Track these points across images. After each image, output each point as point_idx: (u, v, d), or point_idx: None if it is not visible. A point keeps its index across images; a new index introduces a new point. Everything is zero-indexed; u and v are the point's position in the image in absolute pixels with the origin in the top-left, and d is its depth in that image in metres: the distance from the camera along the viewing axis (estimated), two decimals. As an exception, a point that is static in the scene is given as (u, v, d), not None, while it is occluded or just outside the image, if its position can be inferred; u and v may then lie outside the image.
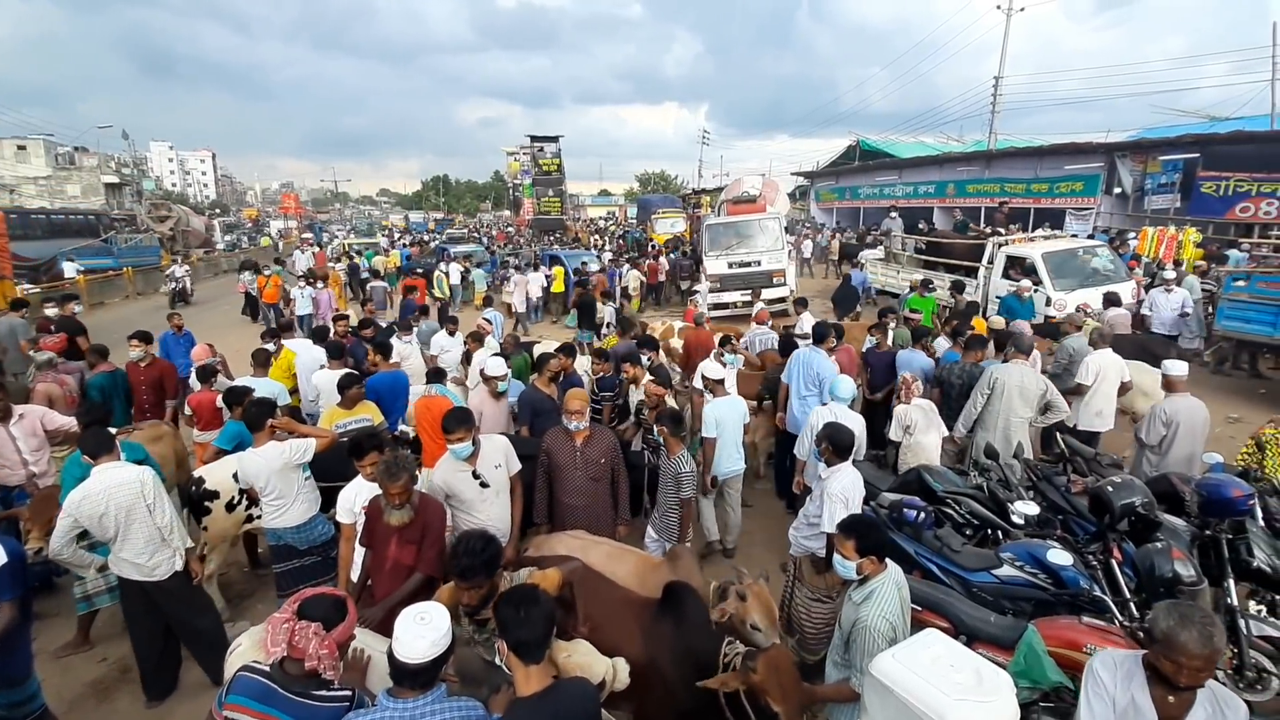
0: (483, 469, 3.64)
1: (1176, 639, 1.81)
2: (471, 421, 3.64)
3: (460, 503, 3.61)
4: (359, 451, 3.51)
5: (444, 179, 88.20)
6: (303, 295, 12.79)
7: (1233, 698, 1.90)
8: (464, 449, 3.55)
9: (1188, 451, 4.78)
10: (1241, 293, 9.04)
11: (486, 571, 2.50)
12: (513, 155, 31.44)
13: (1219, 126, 20.58)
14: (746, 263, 13.86)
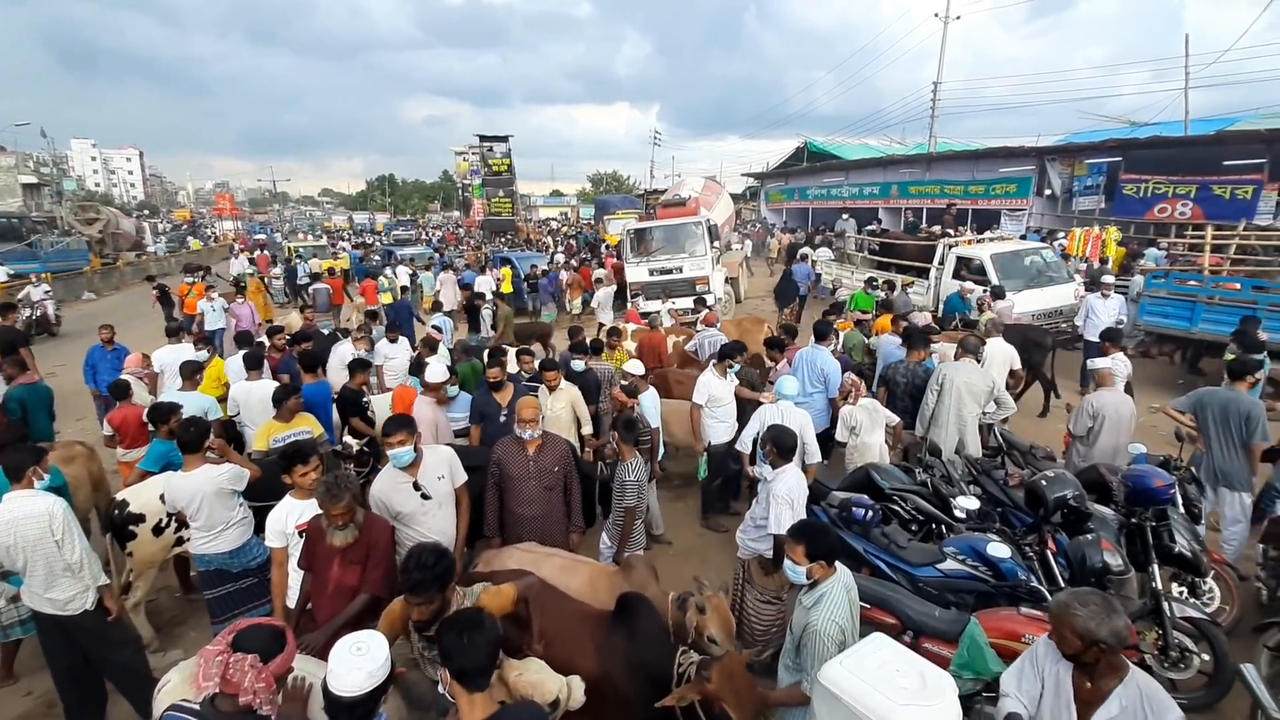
0: (425, 480, 3.53)
1: (1067, 623, 1.96)
2: (412, 426, 3.53)
3: (400, 516, 3.48)
4: (289, 464, 3.33)
5: (390, 179, 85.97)
6: (212, 309, 10.87)
7: (1161, 698, 1.98)
8: (404, 455, 3.43)
9: (1114, 443, 5.03)
10: (1161, 289, 9.61)
11: (438, 586, 2.42)
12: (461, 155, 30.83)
13: (1139, 131, 21.84)
14: (668, 269, 13.25)
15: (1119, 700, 1.98)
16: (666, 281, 13.05)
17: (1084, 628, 1.96)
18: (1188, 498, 4.19)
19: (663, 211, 14.58)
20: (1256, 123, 18.20)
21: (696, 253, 13.23)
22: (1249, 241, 10.67)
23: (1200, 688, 3.59)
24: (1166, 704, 1.97)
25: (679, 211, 14.37)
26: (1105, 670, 2.00)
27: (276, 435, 4.62)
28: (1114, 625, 1.96)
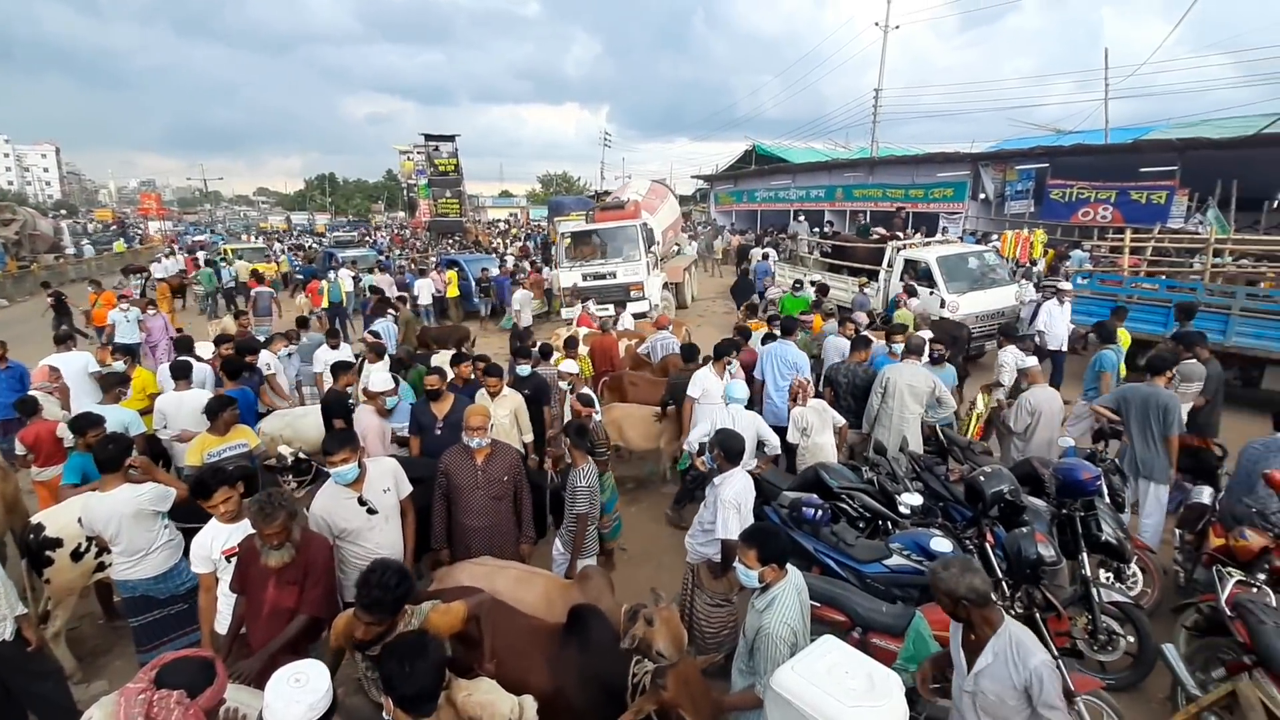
0: (370, 494, 3.40)
1: (936, 585, 2.32)
2: (355, 442, 3.38)
3: (345, 532, 3.34)
4: (205, 491, 3.14)
5: (330, 178, 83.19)
6: (126, 318, 9.91)
7: (1029, 645, 2.25)
8: (347, 472, 3.29)
9: (1047, 437, 5.29)
10: (1086, 289, 10.15)
11: (394, 609, 2.35)
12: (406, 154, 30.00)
13: (1064, 139, 23.11)
14: (601, 274, 12.75)
15: (992, 649, 2.28)
16: (599, 287, 12.51)
17: (947, 587, 2.29)
18: (1112, 488, 4.43)
19: (601, 214, 14.13)
20: (1169, 132, 19.49)
21: (631, 257, 12.80)
22: (1164, 244, 11.39)
23: (1126, 668, 3.80)
24: (1031, 650, 2.22)
25: (617, 215, 13.86)
26: (981, 623, 2.31)
27: (211, 449, 4.38)
28: (970, 583, 2.26)
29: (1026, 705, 2.20)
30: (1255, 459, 4.34)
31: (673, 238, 17.05)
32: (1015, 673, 2.20)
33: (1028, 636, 2.29)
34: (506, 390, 5.16)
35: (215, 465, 3.63)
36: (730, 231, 29.06)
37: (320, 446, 5.69)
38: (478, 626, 2.69)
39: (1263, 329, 8.10)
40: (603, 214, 14.00)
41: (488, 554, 3.81)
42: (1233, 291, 8.68)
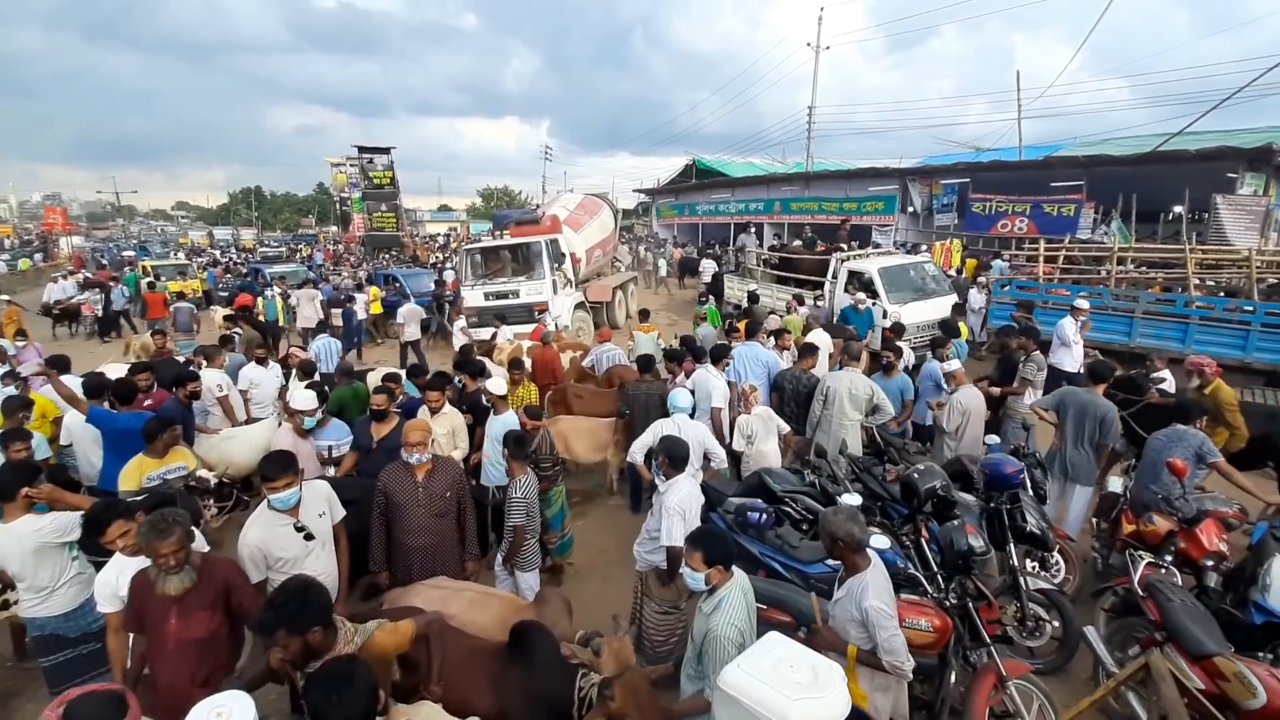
0: (306, 519, 3.24)
1: (822, 530, 2.82)
2: (295, 466, 3.21)
3: (282, 562, 3.17)
4: (98, 527, 2.92)
5: (257, 191, 79.81)
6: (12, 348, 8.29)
7: (875, 587, 2.73)
8: (290, 497, 3.13)
9: (975, 435, 5.55)
10: (1006, 296, 10.75)
11: (291, 626, 2.21)
12: (339, 167, 28.99)
13: (982, 156, 24.55)
14: (504, 293, 12.13)
15: (848, 586, 2.81)
16: (503, 306, 11.84)
17: (830, 529, 2.78)
18: (1035, 481, 4.68)
19: (515, 229, 13.54)
20: (1076, 150, 20.97)
21: (535, 275, 12.18)
22: (1074, 253, 12.21)
23: (1053, 652, 4.00)
24: (872, 594, 2.69)
25: (531, 230, 13.20)
26: (851, 565, 2.83)
27: (150, 473, 4.16)
28: (849, 529, 2.76)
29: (867, 636, 2.73)
30: (1159, 449, 4.67)
31: (608, 254, 16.33)
32: (855, 609, 2.73)
33: (876, 582, 2.75)
34: (447, 407, 5.01)
35: (108, 501, 3.37)
36: (673, 245, 29.46)
37: (245, 471, 5.45)
38: (426, 648, 2.59)
39: (1162, 330, 8.77)
40: (517, 229, 13.43)
41: (429, 574, 3.71)
42: (1136, 296, 9.38)
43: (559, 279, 12.34)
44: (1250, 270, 9.20)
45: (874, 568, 2.81)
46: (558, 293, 12.21)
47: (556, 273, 12.30)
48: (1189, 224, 14.41)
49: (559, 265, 12.47)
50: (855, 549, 2.76)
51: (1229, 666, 2.92)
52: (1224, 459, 4.67)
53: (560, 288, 12.37)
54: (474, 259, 13.18)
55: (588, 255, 14.48)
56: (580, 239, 14.13)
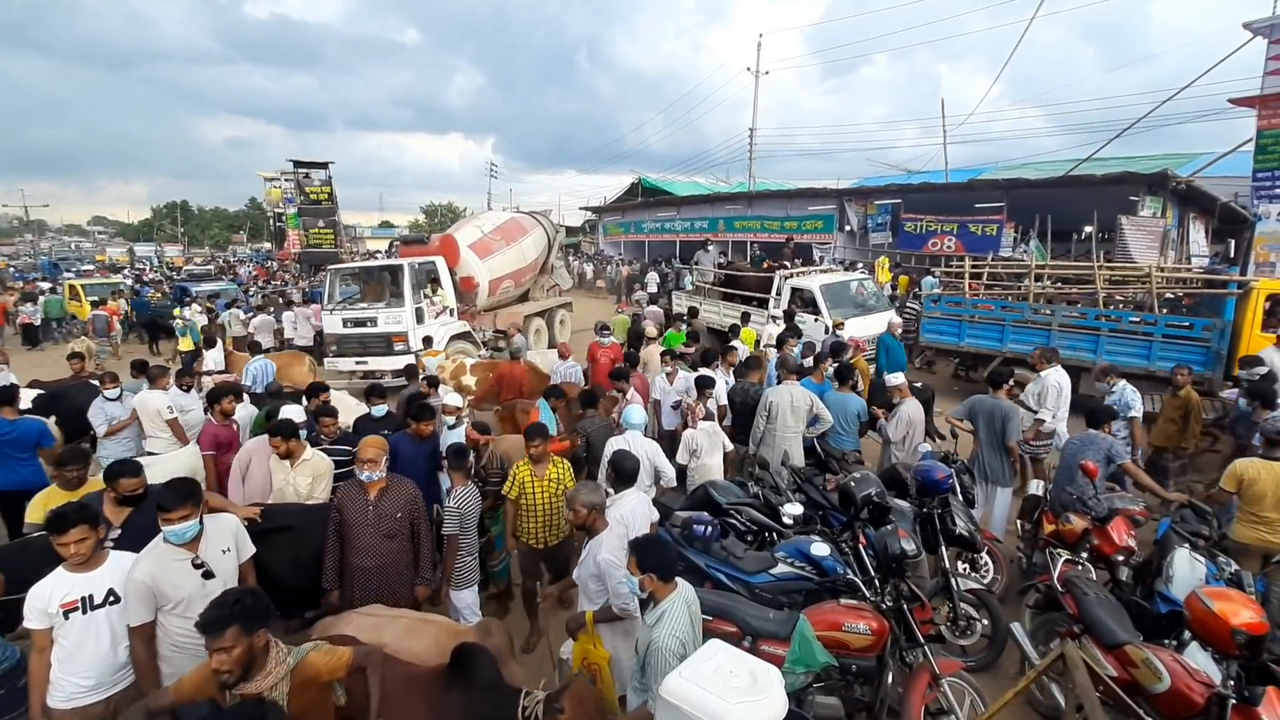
0: (207, 555, 2.99)
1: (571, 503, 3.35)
2: (197, 496, 2.98)
3: (174, 603, 2.86)
4: (62, 525, 2.73)
5: (183, 205, 76.15)
6: None
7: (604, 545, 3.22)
8: (185, 530, 2.87)
9: (916, 443, 5.80)
10: (936, 311, 11.29)
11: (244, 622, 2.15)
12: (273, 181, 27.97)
13: (913, 178, 25.83)
14: (361, 320, 11.21)
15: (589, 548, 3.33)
16: (360, 335, 11.12)
17: (574, 500, 3.34)
18: (963, 486, 4.92)
19: (404, 250, 12.73)
20: (997, 174, 22.34)
21: (395, 303, 11.21)
22: (996, 270, 12.94)
23: (984, 649, 4.20)
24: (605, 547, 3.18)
25: (417, 251, 12.42)
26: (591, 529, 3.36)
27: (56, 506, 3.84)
28: (590, 499, 3.33)
29: (604, 589, 3.18)
30: (1074, 452, 5.00)
31: (522, 284, 14.94)
32: (593, 564, 3.21)
33: (609, 541, 3.24)
34: (310, 453, 4.50)
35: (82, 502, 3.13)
36: (619, 262, 29.69)
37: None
38: (364, 681, 2.52)
39: (1076, 342, 9.37)
40: (404, 250, 12.63)
41: (378, 597, 3.62)
42: (1052, 310, 10.01)
43: (431, 307, 11.41)
44: (1151, 285, 9.96)
45: (610, 530, 3.33)
46: (424, 321, 11.18)
47: (428, 300, 11.38)
48: (1098, 243, 15.50)
49: (434, 291, 11.56)
50: (597, 514, 3.34)
51: (1138, 654, 3.14)
52: (1130, 461, 5.03)
53: (434, 316, 11.41)
54: (340, 282, 12.13)
55: (493, 285, 13.32)
56: (486, 265, 13.07)
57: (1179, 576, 3.85)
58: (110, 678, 2.85)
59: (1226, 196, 16.58)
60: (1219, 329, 8.44)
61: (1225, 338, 8.44)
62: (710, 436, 5.50)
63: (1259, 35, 14.44)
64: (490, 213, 16.25)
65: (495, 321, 13.21)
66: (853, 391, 6.13)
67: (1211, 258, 16.79)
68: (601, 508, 3.35)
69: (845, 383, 6.08)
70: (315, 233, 21.61)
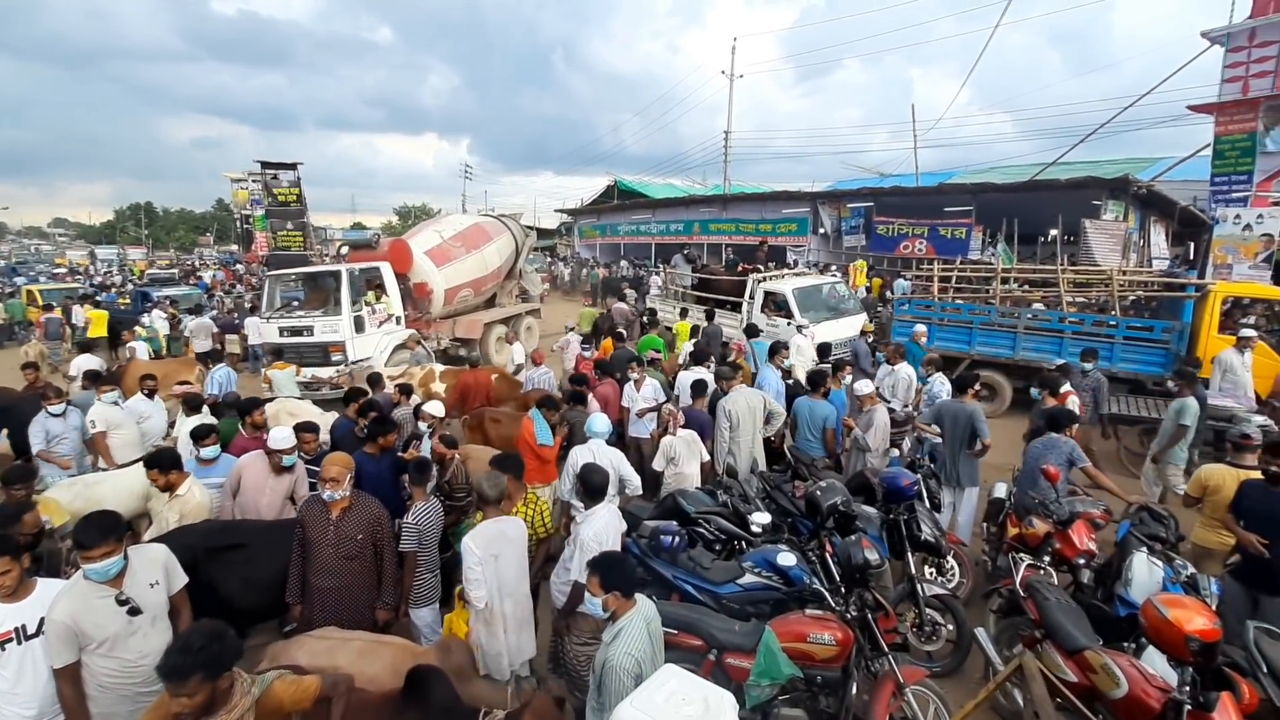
0: (133, 590, 2.80)
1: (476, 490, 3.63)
2: (120, 530, 2.77)
3: (97, 643, 2.68)
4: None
5: (147, 207, 74.19)
6: None
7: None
8: (108, 567, 2.67)
9: (884, 448, 5.83)
10: (906, 314, 11.41)
11: (209, 669, 2.07)
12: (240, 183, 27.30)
13: (885, 182, 26.16)
14: (298, 329, 10.67)
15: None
16: (295, 344, 10.53)
17: (478, 491, 3.54)
18: (929, 491, 4.96)
19: (352, 255, 12.31)
20: (966, 178, 22.72)
21: (330, 311, 10.71)
22: (965, 272, 13.14)
23: (949, 655, 4.22)
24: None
25: (369, 255, 11.90)
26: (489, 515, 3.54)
27: None
28: (497, 483, 3.52)
29: None
30: (1036, 456, 5.06)
31: (483, 292, 14.38)
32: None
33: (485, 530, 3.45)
34: (187, 488, 4.05)
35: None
36: (595, 265, 29.62)
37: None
38: (326, 712, 2.44)
39: (1041, 344, 9.54)
40: (353, 255, 12.20)
41: (339, 618, 3.55)
42: (1017, 313, 10.18)
43: (373, 315, 10.88)
44: (1113, 288, 10.19)
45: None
46: (365, 330, 10.66)
47: (369, 308, 10.86)
48: (1063, 246, 15.83)
49: (377, 298, 11.10)
50: (489, 503, 3.54)
51: (1097, 659, 3.17)
52: (1090, 463, 5.11)
53: (376, 324, 10.90)
54: (278, 288, 11.50)
55: (449, 293, 12.72)
56: (443, 273, 12.52)
57: (1138, 580, 3.91)
58: (52, 708, 2.74)
59: (1186, 200, 17.04)
60: (1177, 331, 8.66)
61: (1184, 340, 8.67)
62: (689, 445, 5.44)
63: (1216, 44, 14.91)
64: (454, 216, 15.70)
65: (454, 329, 12.81)
66: (824, 398, 6.13)
67: (1171, 260, 17.24)
68: (490, 498, 3.50)
69: (817, 389, 6.08)
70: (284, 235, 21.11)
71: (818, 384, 6.10)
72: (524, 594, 3.60)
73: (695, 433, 5.57)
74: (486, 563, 3.34)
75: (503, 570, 3.43)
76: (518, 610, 3.53)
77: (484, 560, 3.33)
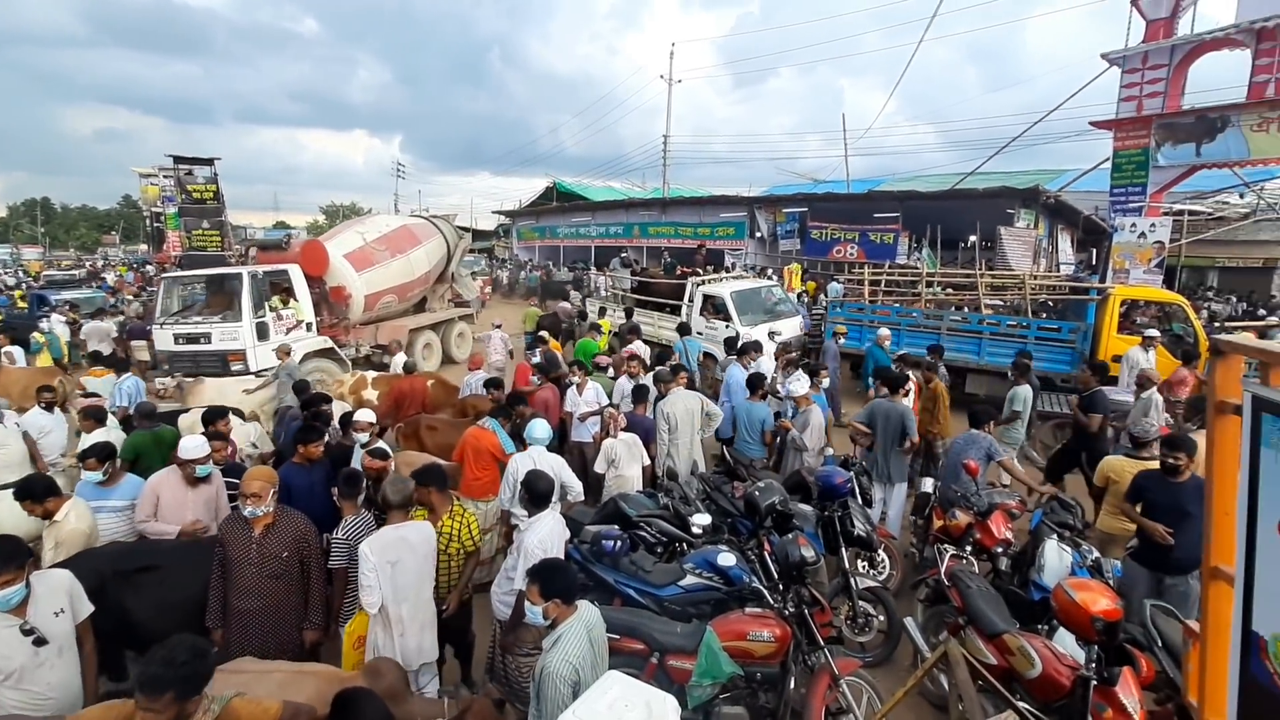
0: (38, 619, 2.66)
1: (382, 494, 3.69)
2: (21, 556, 2.62)
3: (4, 674, 2.56)
4: None
5: (44, 203, 68.50)
6: None
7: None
8: (12, 595, 2.55)
9: (820, 447, 6.00)
10: (839, 317, 11.81)
11: (183, 689, 2.00)
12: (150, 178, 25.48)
13: (818, 188, 27.04)
14: (195, 336, 9.87)
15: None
16: (194, 352, 9.78)
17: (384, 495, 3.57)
18: (862, 487, 5.15)
19: (261, 256, 11.65)
20: (893, 185, 23.73)
21: (230, 317, 9.85)
22: (893, 276, 13.73)
23: (881, 645, 4.39)
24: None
25: (276, 257, 11.23)
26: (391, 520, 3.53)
27: None
28: (400, 489, 3.57)
29: None
30: (958, 451, 5.34)
31: (409, 297, 13.73)
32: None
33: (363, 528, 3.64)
34: (64, 514, 3.70)
35: None
36: (535, 267, 29.35)
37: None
38: None
39: (962, 344, 10.07)
40: (262, 256, 11.54)
41: (263, 641, 3.39)
42: (941, 315, 10.71)
43: (278, 321, 10.21)
44: (1025, 291, 10.88)
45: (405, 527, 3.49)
46: (268, 337, 9.91)
47: (275, 313, 10.19)
48: (981, 251, 16.76)
49: (284, 303, 10.44)
50: (393, 508, 3.52)
51: (1014, 642, 3.37)
52: (1008, 457, 5.43)
53: (283, 331, 10.20)
54: (176, 291, 10.64)
55: (370, 299, 12.08)
56: (364, 278, 11.86)
57: (1049, 565, 4.18)
58: None
59: (1089, 210, 18.35)
60: (1082, 331, 9.31)
61: (1087, 339, 9.33)
62: (630, 448, 5.45)
63: (1114, 65, 16.13)
64: (380, 217, 14.97)
65: (376, 335, 12.23)
66: (762, 400, 6.26)
67: (1077, 265, 18.55)
68: (393, 503, 3.49)
69: (755, 392, 6.21)
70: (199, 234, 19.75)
71: (755, 386, 6.23)
72: (425, 598, 3.54)
73: (636, 435, 5.60)
74: (382, 569, 3.30)
75: (401, 576, 3.38)
76: (417, 614, 3.49)
77: (379, 567, 3.29)
